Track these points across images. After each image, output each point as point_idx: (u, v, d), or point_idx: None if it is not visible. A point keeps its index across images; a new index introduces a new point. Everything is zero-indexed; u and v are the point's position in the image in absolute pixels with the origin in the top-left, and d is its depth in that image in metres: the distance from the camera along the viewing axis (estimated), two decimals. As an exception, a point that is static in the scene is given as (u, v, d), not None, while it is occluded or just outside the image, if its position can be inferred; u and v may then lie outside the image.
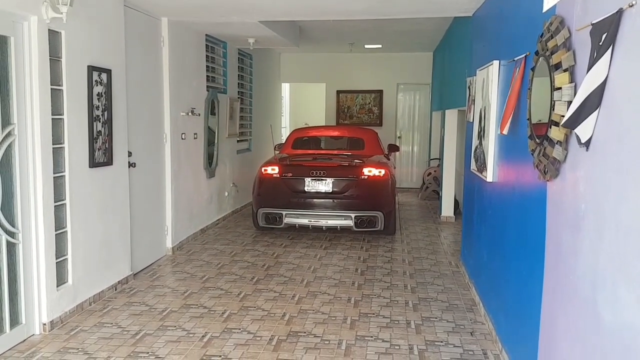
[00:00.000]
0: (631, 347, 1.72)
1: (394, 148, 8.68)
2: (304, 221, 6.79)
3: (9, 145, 3.62)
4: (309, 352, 3.69)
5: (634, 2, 1.79)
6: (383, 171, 6.89)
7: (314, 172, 6.79)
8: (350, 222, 6.72)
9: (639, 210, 1.71)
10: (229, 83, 8.10)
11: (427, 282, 5.24)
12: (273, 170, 6.95)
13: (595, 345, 2.05)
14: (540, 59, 2.73)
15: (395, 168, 8.79)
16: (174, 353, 3.64)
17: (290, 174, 6.87)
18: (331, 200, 6.77)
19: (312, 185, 6.79)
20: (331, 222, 6.77)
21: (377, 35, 9.18)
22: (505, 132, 3.53)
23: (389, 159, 7.98)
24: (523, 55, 3.23)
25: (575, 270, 2.28)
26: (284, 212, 6.81)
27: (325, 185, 6.78)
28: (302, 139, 8.20)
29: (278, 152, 8.04)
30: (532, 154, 2.84)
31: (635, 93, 1.77)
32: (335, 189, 6.76)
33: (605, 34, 1.95)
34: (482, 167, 4.41)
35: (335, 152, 7.81)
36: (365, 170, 6.81)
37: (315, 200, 6.79)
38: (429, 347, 3.79)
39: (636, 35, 1.78)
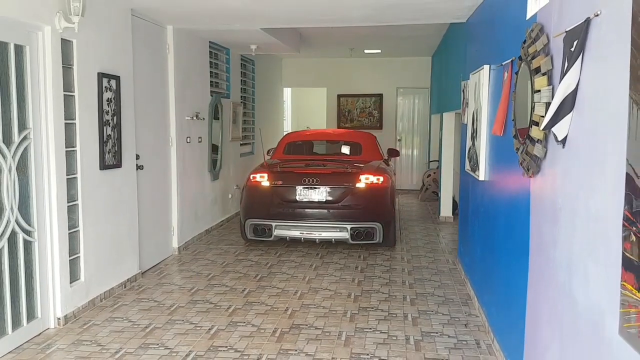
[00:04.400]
0: (598, 324, 1.91)
1: (394, 153, 8.26)
2: (296, 233, 6.30)
3: (25, 149, 3.83)
4: (310, 342, 3.88)
5: (599, 12, 1.98)
6: (382, 178, 6.38)
7: (307, 180, 6.28)
8: (345, 235, 6.23)
9: (605, 200, 1.90)
10: (232, 88, 8.32)
11: (425, 279, 5.43)
12: (262, 177, 6.43)
13: (570, 326, 2.24)
14: (523, 63, 2.92)
15: (395, 174, 8.20)
16: (182, 344, 3.84)
17: (281, 182, 6.35)
18: (325, 210, 6.27)
19: (304, 194, 6.28)
20: (325, 235, 6.27)
21: (377, 41, 9.38)
22: (500, 133, 3.68)
23: (388, 165, 7.49)
24: (510, 60, 3.43)
25: (554, 259, 2.47)
26: (273, 224, 6.31)
27: (319, 194, 6.26)
28: (295, 143, 7.69)
29: (269, 157, 7.48)
30: (517, 152, 3.04)
31: (601, 95, 1.97)
32: (329, 198, 6.25)
33: (577, 41, 2.14)
34: (475, 166, 4.60)
35: (331, 157, 7.30)
36: (363, 178, 6.30)
37: (307, 210, 6.28)
38: (425, 337, 3.98)
39: (601, 43, 1.98)
